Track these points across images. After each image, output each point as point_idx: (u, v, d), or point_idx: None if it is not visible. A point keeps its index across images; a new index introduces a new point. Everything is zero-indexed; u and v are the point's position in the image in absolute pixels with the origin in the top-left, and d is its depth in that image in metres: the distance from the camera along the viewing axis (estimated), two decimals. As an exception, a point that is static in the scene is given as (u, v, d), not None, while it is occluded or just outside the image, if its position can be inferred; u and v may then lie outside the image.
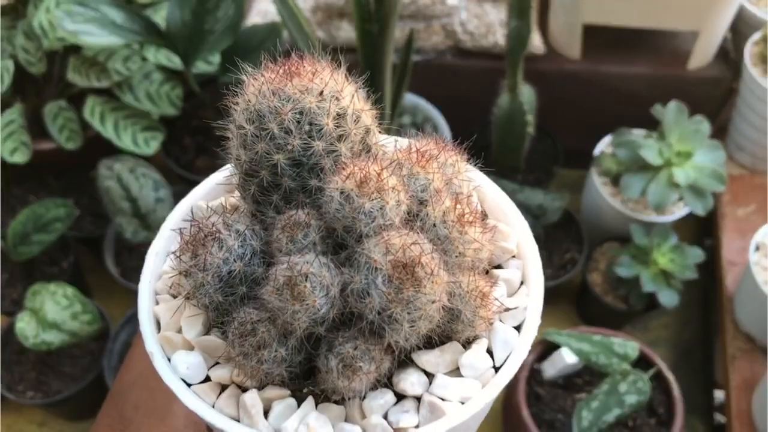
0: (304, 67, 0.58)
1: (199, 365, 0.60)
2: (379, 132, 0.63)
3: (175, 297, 0.64)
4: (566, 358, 1.49)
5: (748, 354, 1.66)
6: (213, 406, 0.59)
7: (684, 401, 1.48)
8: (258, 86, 0.58)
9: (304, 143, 0.57)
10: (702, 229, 1.99)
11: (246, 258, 0.56)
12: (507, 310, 0.63)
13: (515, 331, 0.62)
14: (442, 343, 0.60)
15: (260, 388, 0.59)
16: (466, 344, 0.62)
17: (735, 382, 1.62)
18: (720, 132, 1.97)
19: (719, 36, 1.84)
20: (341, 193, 0.55)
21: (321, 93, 0.57)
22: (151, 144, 1.73)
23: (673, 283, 1.67)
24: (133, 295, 1.68)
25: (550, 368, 1.53)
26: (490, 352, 0.62)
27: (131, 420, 0.72)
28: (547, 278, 1.91)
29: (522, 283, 0.67)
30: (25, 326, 1.55)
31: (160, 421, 0.70)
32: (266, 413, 0.58)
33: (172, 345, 0.61)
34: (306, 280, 0.52)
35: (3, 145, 1.67)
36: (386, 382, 0.59)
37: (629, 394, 1.40)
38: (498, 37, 1.86)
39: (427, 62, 1.90)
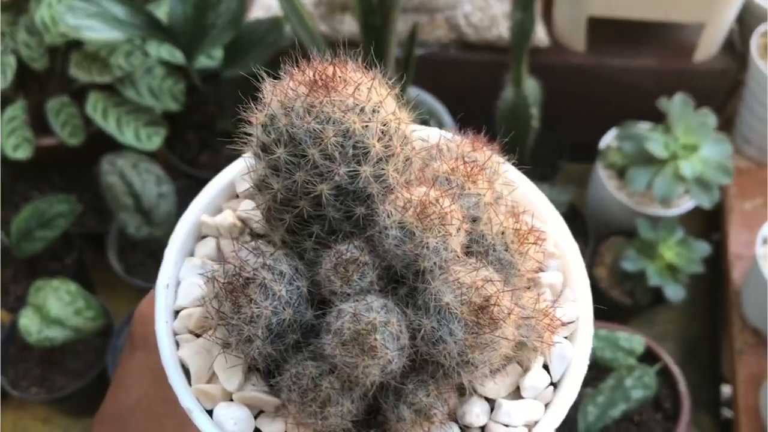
0: (337, 74, 0.51)
1: (247, 420, 0.54)
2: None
3: (197, 335, 0.58)
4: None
5: (756, 348, 1.64)
6: None
7: (690, 396, 1.47)
8: (285, 100, 0.51)
9: (351, 171, 0.50)
10: (708, 223, 1.98)
11: (294, 303, 0.51)
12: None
13: (569, 342, 0.58)
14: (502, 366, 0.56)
15: None
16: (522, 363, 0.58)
17: (742, 376, 1.61)
18: (726, 125, 1.96)
19: (725, 28, 1.83)
20: (401, 227, 0.49)
21: (362, 109, 0.51)
22: (154, 139, 1.72)
23: (680, 277, 1.66)
24: (137, 291, 1.68)
25: (556, 363, 1.52)
26: (545, 367, 0.58)
27: None
28: (552, 273, 1.89)
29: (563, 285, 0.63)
30: (29, 322, 1.55)
31: None
32: None
33: (209, 398, 0.55)
34: (375, 331, 0.47)
35: (6, 141, 1.66)
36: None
37: (635, 389, 1.39)
38: (502, 29, 1.85)
39: (430, 56, 1.89)
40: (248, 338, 0.50)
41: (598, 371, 1.53)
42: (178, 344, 0.57)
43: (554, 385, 0.57)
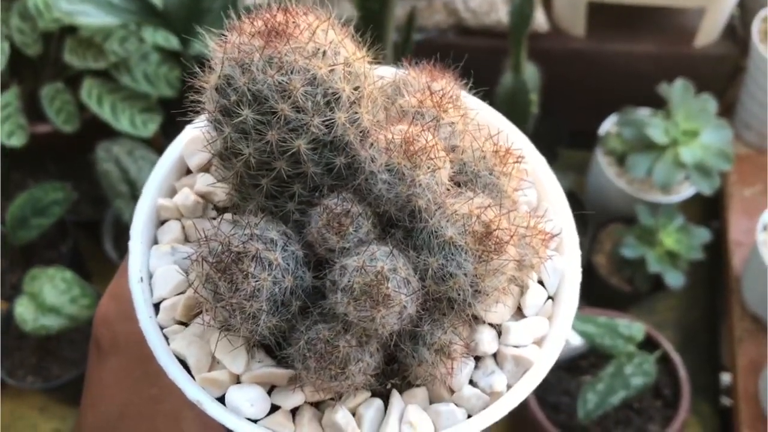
0: (289, 20, 0.47)
1: (262, 398, 0.52)
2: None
3: (186, 324, 0.55)
4: (571, 340, 1.48)
5: (755, 335, 1.64)
6: None
7: (690, 383, 1.46)
8: (239, 56, 0.47)
9: (325, 120, 0.47)
10: (708, 210, 1.97)
11: (292, 269, 0.48)
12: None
13: (558, 254, 0.58)
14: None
15: (339, 398, 0.52)
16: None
17: (742, 363, 1.60)
18: (727, 111, 1.94)
19: (726, 13, 1.81)
20: (389, 170, 0.47)
21: (324, 53, 0.48)
22: (149, 126, 1.70)
23: (679, 264, 1.65)
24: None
25: (555, 350, 1.51)
26: (540, 283, 0.58)
27: None
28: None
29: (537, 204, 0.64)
30: (24, 310, 1.54)
31: None
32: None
33: (217, 385, 0.52)
34: (386, 280, 0.46)
35: (0, 128, 1.65)
36: None
37: (635, 376, 1.38)
38: (501, 14, 1.83)
39: (428, 41, 1.87)
40: (252, 315, 0.47)
41: (597, 358, 1.53)
42: (166, 338, 0.55)
43: (551, 298, 0.58)
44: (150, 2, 1.58)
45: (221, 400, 0.53)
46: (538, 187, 0.62)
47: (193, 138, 0.59)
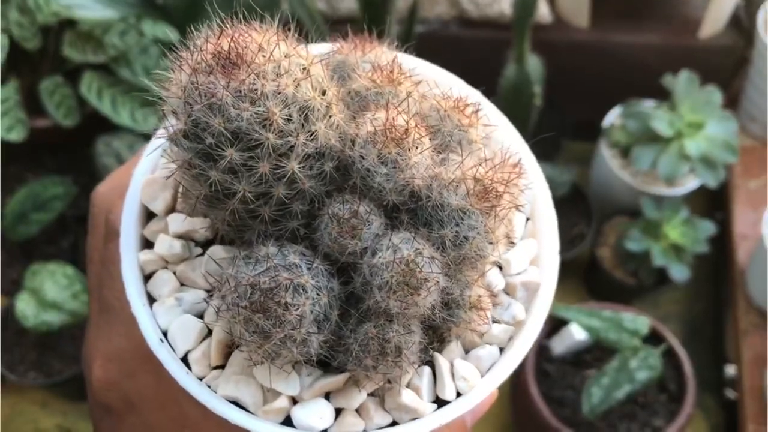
0: (239, 44, 0.46)
1: (327, 407, 0.52)
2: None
3: (222, 367, 0.54)
4: (575, 334, 1.47)
5: (761, 328, 1.63)
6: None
7: (695, 377, 1.46)
8: (202, 97, 0.45)
9: (308, 135, 0.47)
10: (713, 202, 1.96)
11: (324, 285, 0.48)
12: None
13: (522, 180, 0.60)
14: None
15: (390, 381, 0.53)
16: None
17: (747, 357, 1.60)
18: (732, 102, 1.93)
19: (731, 3, 1.80)
20: (382, 162, 0.48)
21: (285, 68, 0.47)
22: (150, 120, 1.69)
23: (684, 257, 1.64)
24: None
25: (559, 345, 1.50)
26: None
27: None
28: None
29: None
30: (25, 306, 1.53)
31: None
32: None
33: (282, 412, 0.52)
34: (417, 265, 0.47)
35: (-1, 122, 1.64)
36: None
37: (640, 370, 1.38)
38: (504, 6, 1.81)
39: (431, 33, 1.86)
40: (303, 340, 0.47)
41: (602, 352, 1.52)
42: (209, 386, 0.54)
43: (528, 219, 0.61)
44: (149, -5, 1.57)
45: (285, 423, 0.53)
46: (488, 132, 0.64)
47: (149, 181, 0.57)
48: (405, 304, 0.47)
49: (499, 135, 0.63)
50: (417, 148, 0.49)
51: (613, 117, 1.83)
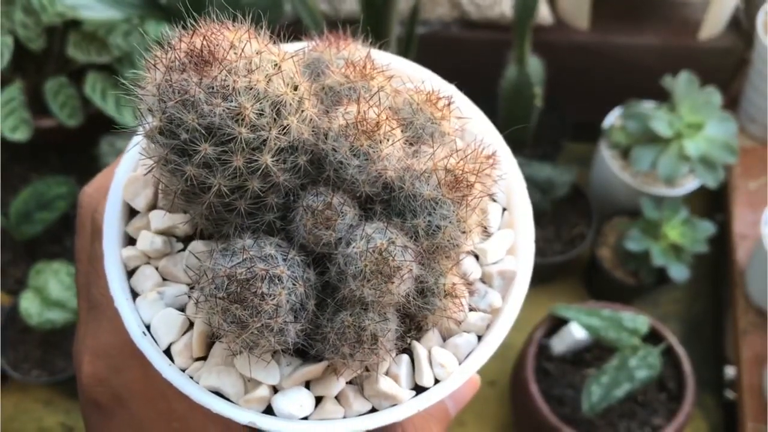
0: (211, 42, 0.47)
1: (307, 396, 0.54)
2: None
3: (204, 358, 0.55)
4: (575, 333, 1.48)
5: (760, 328, 1.64)
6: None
7: (694, 376, 1.46)
8: (174, 94, 0.46)
9: (280, 129, 0.48)
10: (713, 203, 1.97)
11: (299, 275, 0.49)
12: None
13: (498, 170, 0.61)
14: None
15: (368, 369, 0.55)
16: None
17: (746, 356, 1.60)
18: (731, 104, 1.94)
19: (731, 5, 1.81)
20: (355, 155, 0.49)
21: (257, 64, 0.48)
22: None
23: (684, 257, 1.65)
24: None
25: (559, 344, 1.51)
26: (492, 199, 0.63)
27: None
28: (555, 253, 1.89)
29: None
30: (29, 305, 1.54)
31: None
32: None
33: (263, 401, 0.54)
34: (390, 254, 0.48)
35: (4, 122, 1.65)
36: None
37: (639, 369, 1.39)
38: (504, 7, 1.82)
39: (432, 34, 1.87)
40: (280, 329, 0.48)
41: (601, 351, 1.53)
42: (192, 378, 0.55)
43: (505, 209, 0.63)
44: (153, -4, 1.58)
45: (266, 412, 0.54)
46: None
47: (131, 179, 0.59)
48: (379, 292, 0.48)
49: (474, 128, 0.64)
50: (388, 140, 0.50)
51: (613, 118, 1.84)
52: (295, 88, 0.49)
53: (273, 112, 0.48)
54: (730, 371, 1.76)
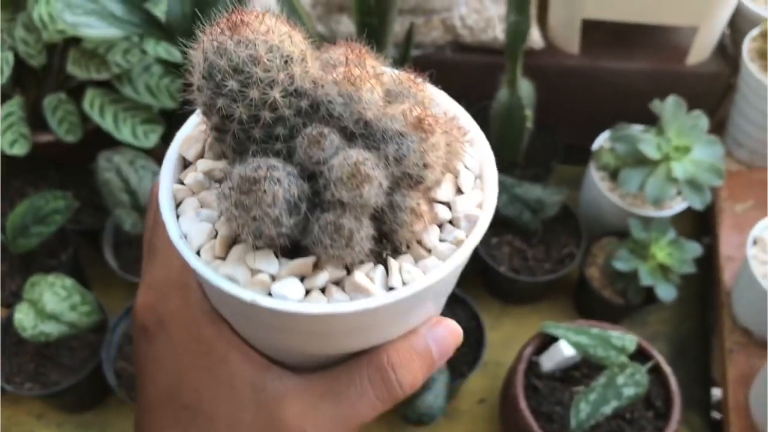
0: (244, 18, 0.62)
1: (298, 285, 0.64)
2: None
3: (223, 258, 0.66)
4: (564, 350, 1.50)
5: (746, 348, 1.66)
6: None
7: (681, 395, 1.49)
8: (215, 48, 0.61)
9: (286, 74, 0.62)
10: (700, 225, 2.00)
11: (294, 181, 0.61)
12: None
13: (471, 146, 0.72)
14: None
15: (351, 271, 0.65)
16: None
17: (732, 375, 1.63)
18: (718, 128, 1.98)
19: (718, 31, 1.85)
20: (341, 96, 0.62)
21: (274, 31, 0.62)
22: (151, 137, 1.73)
23: (671, 278, 1.68)
24: (132, 287, 1.68)
25: (548, 361, 1.54)
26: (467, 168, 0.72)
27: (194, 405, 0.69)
28: (545, 272, 1.91)
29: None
30: (24, 317, 1.55)
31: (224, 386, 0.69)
32: None
33: (263, 285, 0.64)
34: (363, 164, 0.59)
35: (2, 137, 1.67)
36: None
37: (627, 387, 1.41)
38: (497, 31, 1.86)
39: (426, 57, 1.90)
40: (276, 219, 0.60)
41: (590, 369, 1.55)
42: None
43: (478, 178, 0.72)
44: (153, 15, 1.61)
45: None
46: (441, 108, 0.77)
47: (186, 138, 0.73)
48: (354, 194, 0.60)
49: (448, 111, 0.75)
50: (367, 89, 0.62)
51: (602, 140, 1.87)
52: (301, 51, 0.63)
53: (282, 62, 0.62)
54: (716, 392, 1.78)
